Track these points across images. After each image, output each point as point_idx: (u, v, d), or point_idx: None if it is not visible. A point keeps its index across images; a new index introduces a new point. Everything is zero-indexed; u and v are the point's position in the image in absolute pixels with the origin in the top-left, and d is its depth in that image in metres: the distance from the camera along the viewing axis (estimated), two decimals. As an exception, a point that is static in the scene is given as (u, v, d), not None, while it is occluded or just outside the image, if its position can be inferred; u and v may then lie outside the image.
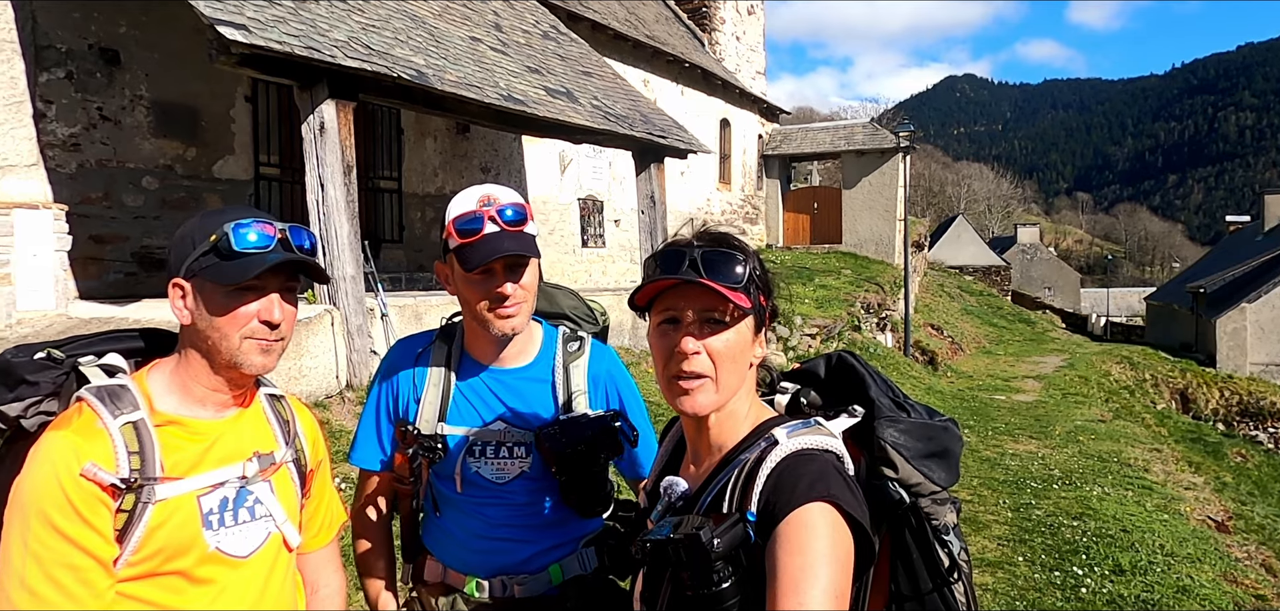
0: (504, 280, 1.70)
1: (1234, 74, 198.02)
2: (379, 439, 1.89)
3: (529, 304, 1.76)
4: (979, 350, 22.29)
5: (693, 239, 1.30)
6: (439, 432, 1.79)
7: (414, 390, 1.84)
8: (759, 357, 1.33)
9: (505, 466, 1.81)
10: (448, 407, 1.81)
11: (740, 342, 1.28)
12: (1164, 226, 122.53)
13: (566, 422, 1.77)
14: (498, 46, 10.06)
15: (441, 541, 1.87)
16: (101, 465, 1.32)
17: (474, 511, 1.82)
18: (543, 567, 1.83)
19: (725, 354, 1.26)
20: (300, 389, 6.29)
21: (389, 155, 11.18)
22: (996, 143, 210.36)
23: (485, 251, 1.67)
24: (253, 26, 6.06)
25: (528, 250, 1.70)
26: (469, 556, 1.83)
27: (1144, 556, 5.93)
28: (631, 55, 16.27)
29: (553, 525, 1.84)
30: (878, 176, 21.48)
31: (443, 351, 1.85)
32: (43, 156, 7.38)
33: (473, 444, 1.81)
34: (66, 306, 6.88)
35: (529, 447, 1.81)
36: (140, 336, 1.54)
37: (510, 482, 1.81)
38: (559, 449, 1.73)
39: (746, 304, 1.26)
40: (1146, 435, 12.31)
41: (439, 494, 1.86)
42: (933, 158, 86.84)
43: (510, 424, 1.82)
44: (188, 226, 1.44)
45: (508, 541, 1.82)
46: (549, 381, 1.86)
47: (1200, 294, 32.59)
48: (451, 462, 1.80)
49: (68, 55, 7.57)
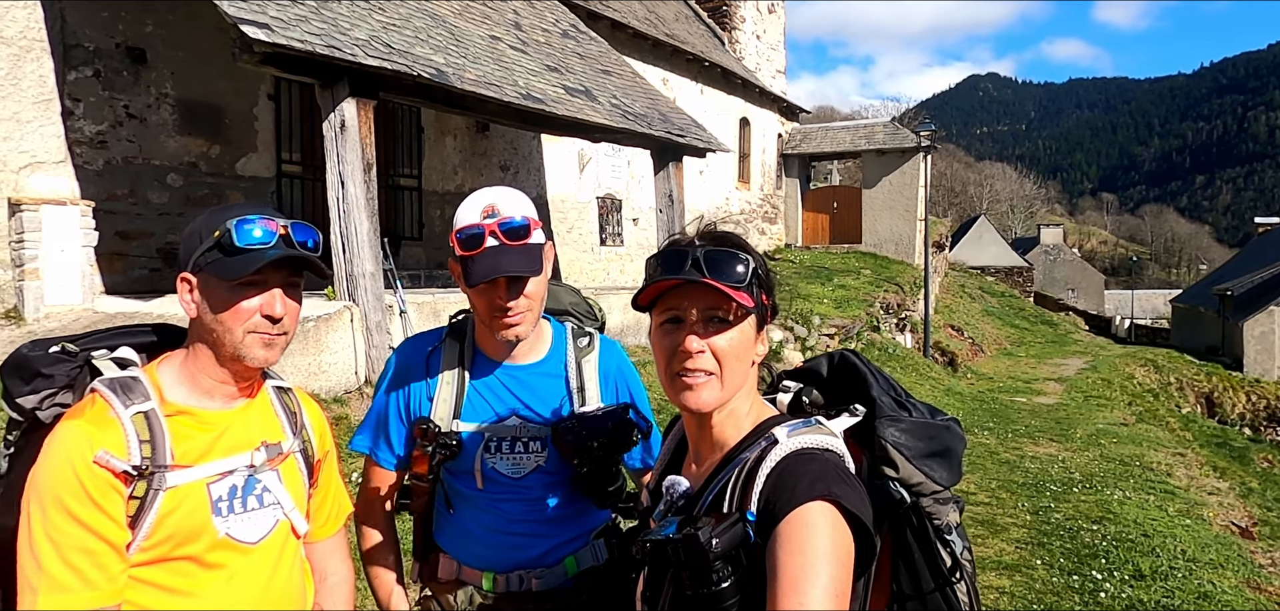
0: (506, 296, 1.71)
1: (1265, 73, 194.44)
2: (386, 437, 1.90)
3: (535, 310, 1.76)
4: (1000, 352, 22.08)
5: (695, 238, 1.31)
6: (455, 429, 1.80)
7: (427, 388, 1.85)
8: (761, 355, 1.33)
9: (521, 461, 1.83)
10: (462, 404, 1.82)
11: (743, 340, 1.29)
12: (1191, 228, 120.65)
13: (582, 416, 1.79)
14: (517, 45, 10.10)
15: (456, 538, 1.88)
16: (114, 453, 1.36)
17: (490, 507, 1.84)
18: (559, 560, 1.86)
19: (729, 352, 1.27)
20: (319, 385, 6.36)
21: (409, 153, 11.26)
22: (1020, 142, 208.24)
23: (484, 269, 1.68)
24: (275, 25, 6.13)
25: (527, 269, 1.69)
26: (485, 552, 1.84)
27: (1165, 561, 5.85)
28: (651, 54, 16.27)
29: (567, 518, 1.86)
30: (898, 176, 21.33)
31: (454, 349, 1.86)
32: (71, 153, 7.52)
33: (489, 440, 1.82)
34: (93, 301, 7.00)
35: (544, 442, 1.83)
36: (153, 331, 1.58)
37: (526, 477, 1.83)
38: (578, 441, 1.74)
39: (749, 302, 1.27)
40: (1170, 439, 12.14)
41: (452, 490, 1.87)
42: (955, 157, 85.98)
43: (525, 419, 1.83)
44: (196, 222, 1.48)
45: (525, 536, 1.84)
46: (562, 376, 1.88)
47: (1227, 296, 32.09)
48: (468, 459, 1.81)
49: (95, 54, 7.69)
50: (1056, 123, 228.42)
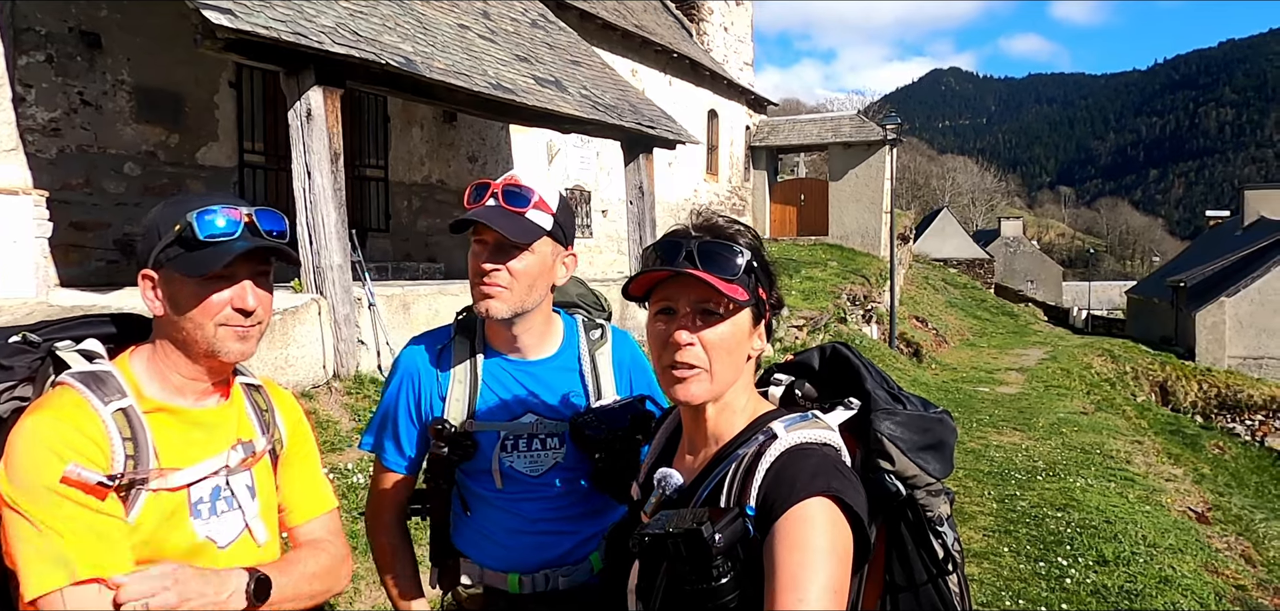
0: (486, 257, 1.67)
1: (1215, 70, 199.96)
2: (396, 437, 1.84)
3: (513, 294, 1.68)
4: (963, 342, 22.43)
5: (691, 228, 1.29)
6: (469, 429, 1.76)
7: (438, 387, 1.79)
8: (758, 350, 1.31)
9: (539, 458, 1.79)
10: (476, 403, 1.77)
11: (736, 334, 1.27)
12: (1145, 221, 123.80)
13: (600, 410, 1.76)
14: (486, 34, 9.99)
15: (476, 541, 1.83)
16: (87, 463, 1.28)
17: (509, 507, 1.79)
18: (584, 557, 1.83)
19: (719, 346, 1.25)
20: (287, 379, 6.24)
21: (376, 143, 11.09)
22: (981, 136, 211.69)
23: (473, 218, 1.64)
24: (239, 11, 5.98)
25: (508, 230, 1.63)
26: (508, 554, 1.80)
27: (1127, 547, 5.99)
28: (620, 45, 16.21)
29: (589, 515, 1.83)
30: (864, 169, 21.54)
31: (465, 346, 1.81)
32: (22, 141, 7.27)
33: (505, 438, 1.77)
34: (47, 294, 6.78)
35: (562, 438, 1.79)
36: (112, 322, 1.50)
37: (545, 474, 1.80)
38: (598, 435, 1.70)
39: (742, 295, 1.25)
40: (1127, 427, 12.44)
41: (469, 492, 1.82)
42: (918, 150, 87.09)
43: (541, 416, 1.79)
44: (154, 215, 1.40)
45: (549, 535, 1.80)
46: (577, 370, 1.84)
47: (1180, 288, 32.95)
48: (486, 459, 1.76)
49: (47, 38, 7.45)
50: (1016, 117, 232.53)
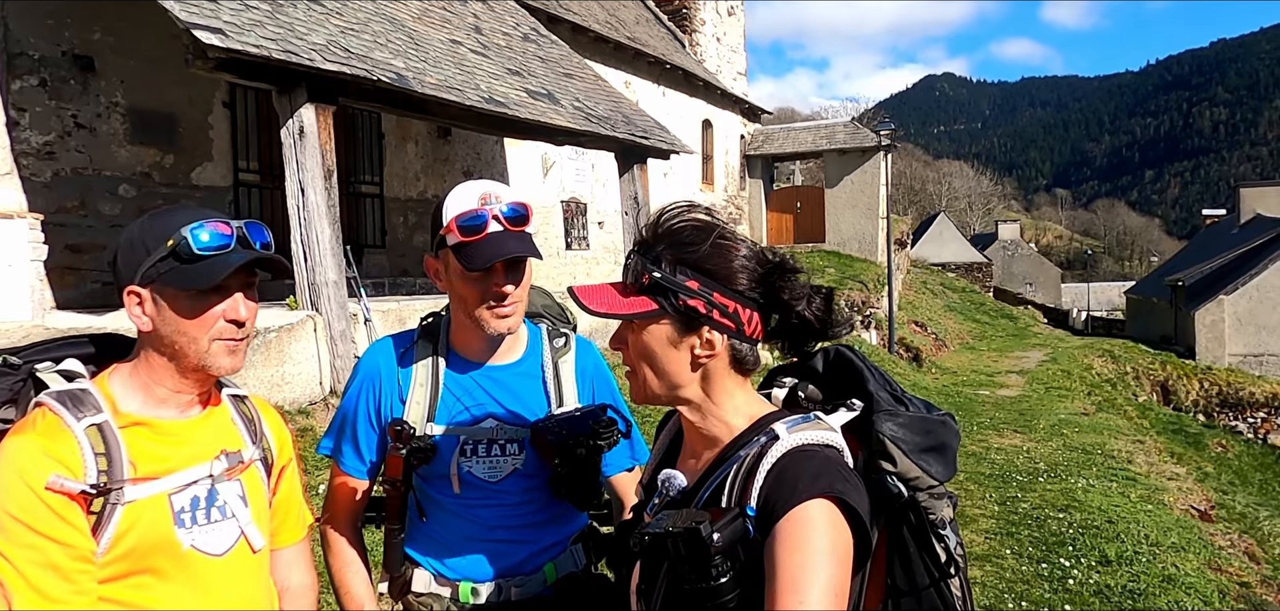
0: (505, 281, 1.68)
1: (1208, 70, 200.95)
2: (354, 441, 1.82)
3: (524, 304, 1.75)
4: (962, 346, 22.43)
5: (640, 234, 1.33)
6: (428, 433, 1.74)
7: (398, 390, 1.78)
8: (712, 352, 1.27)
9: (498, 464, 1.77)
10: (437, 406, 1.76)
11: (655, 341, 1.27)
12: (1142, 221, 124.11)
13: (563, 417, 1.75)
14: (478, 49, 10.00)
15: (430, 548, 1.80)
16: (66, 474, 1.29)
17: (465, 513, 1.77)
18: (538, 568, 1.80)
19: (636, 354, 1.30)
20: (283, 397, 6.22)
21: (370, 159, 11.09)
22: (976, 141, 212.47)
23: (489, 252, 1.64)
24: (230, 30, 5.98)
25: (530, 250, 1.69)
26: (461, 561, 1.78)
27: (1129, 546, 5.96)
28: (613, 57, 16.24)
29: (546, 524, 1.82)
30: (860, 175, 21.57)
31: (428, 350, 1.80)
32: (17, 165, 7.26)
33: (464, 442, 1.76)
34: (43, 317, 6.77)
35: (522, 445, 1.78)
36: (91, 342, 1.51)
37: (503, 481, 1.78)
38: (560, 441, 1.70)
39: (642, 308, 1.26)
40: (1129, 427, 12.42)
41: (425, 497, 1.80)
42: (913, 156, 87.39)
43: (502, 421, 1.78)
44: (136, 232, 1.41)
45: (505, 544, 1.78)
46: (540, 377, 1.84)
47: (1179, 287, 33.00)
48: (444, 462, 1.74)
49: (41, 62, 7.45)
50: (1011, 121, 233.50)
